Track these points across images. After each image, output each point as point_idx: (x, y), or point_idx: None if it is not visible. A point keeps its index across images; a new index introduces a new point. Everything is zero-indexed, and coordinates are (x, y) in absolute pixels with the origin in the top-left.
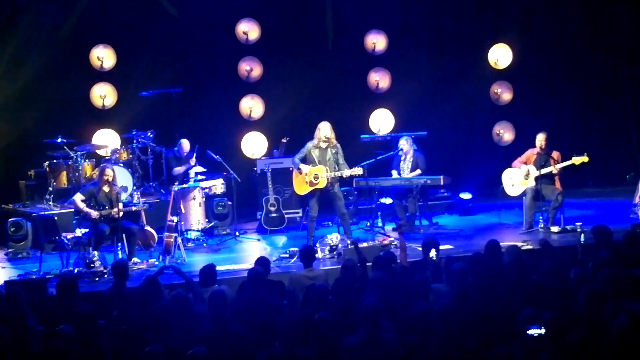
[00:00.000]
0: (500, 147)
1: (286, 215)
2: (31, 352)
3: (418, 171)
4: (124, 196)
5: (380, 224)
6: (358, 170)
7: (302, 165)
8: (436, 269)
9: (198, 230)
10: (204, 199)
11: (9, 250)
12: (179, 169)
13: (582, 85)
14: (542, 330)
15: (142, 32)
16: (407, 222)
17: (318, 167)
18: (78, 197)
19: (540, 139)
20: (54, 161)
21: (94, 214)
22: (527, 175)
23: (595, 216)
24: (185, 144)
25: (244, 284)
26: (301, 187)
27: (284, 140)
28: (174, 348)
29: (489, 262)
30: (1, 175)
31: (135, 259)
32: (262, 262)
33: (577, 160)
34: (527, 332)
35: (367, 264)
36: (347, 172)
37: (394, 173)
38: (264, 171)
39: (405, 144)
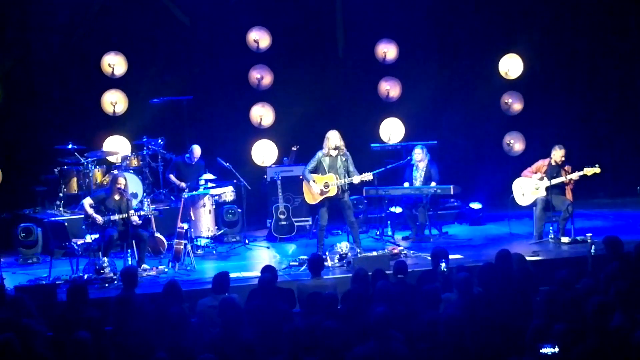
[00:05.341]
0: (510, 157)
1: (296, 223)
2: (39, 357)
3: (433, 184)
4: (134, 202)
5: (389, 233)
6: (368, 176)
7: (312, 183)
8: (446, 279)
9: (208, 238)
10: (214, 207)
11: (19, 255)
12: (175, 181)
13: (592, 96)
14: (556, 349)
15: (153, 40)
16: (417, 231)
17: (328, 176)
18: (87, 202)
19: (560, 154)
20: (65, 167)
21: (99, 219)
22: (538, 184)
23: (606, 227)
24: (197, 150)
25: (253, 292)
26: (312, 196)
27: (294, 149)
28: (181, 355)
29: (499, 272)
30: (12, 181)
31: (144, 266)
32: (268, 269)
33: (588, 171)
34: (540, 350)
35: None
36: (357, 179)
37: (406, 185)
38: (274, 179)
39: (419, 153)
